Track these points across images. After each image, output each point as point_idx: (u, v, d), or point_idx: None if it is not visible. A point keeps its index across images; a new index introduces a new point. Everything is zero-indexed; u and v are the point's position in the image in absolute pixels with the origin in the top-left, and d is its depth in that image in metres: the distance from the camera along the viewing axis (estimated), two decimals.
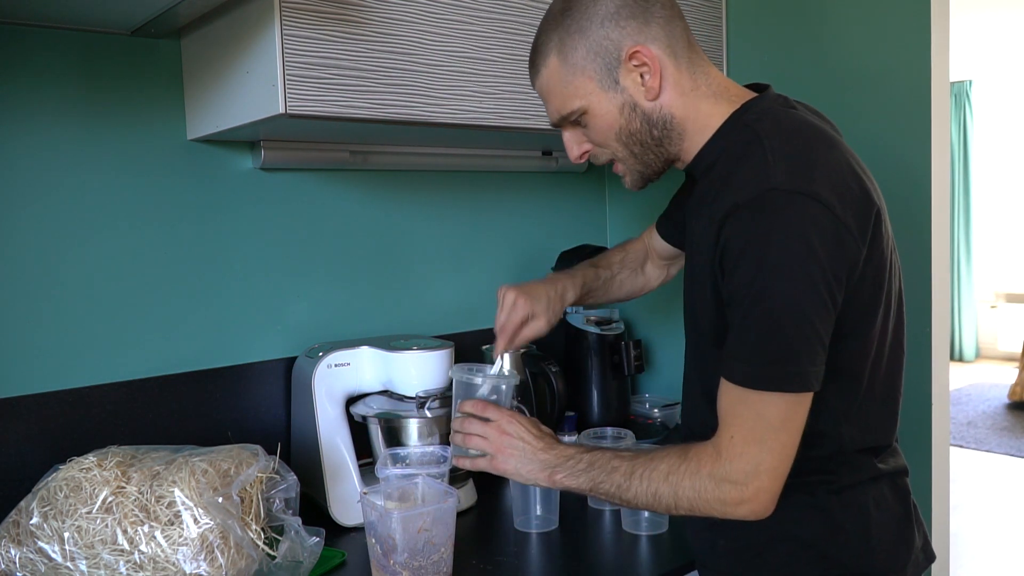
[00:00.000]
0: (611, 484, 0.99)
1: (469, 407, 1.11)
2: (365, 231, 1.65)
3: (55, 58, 1.28)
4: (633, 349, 1.79)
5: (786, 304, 0.86)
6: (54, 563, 0.97)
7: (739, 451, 0.91)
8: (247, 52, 1.18)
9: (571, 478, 1.02)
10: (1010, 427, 5.15)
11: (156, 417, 1.38)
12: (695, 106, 1.00)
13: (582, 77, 0.98)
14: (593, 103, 0.99)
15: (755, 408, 0.90)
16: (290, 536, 1.03)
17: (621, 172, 1.08)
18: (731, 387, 0.92)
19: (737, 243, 0.89)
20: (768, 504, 0.92)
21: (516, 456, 1.06)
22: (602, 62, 0.97)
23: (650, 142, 1.01)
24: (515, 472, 1.06)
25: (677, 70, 0.99)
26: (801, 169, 0.89)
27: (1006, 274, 7.18)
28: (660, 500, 0.95)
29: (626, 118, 1.00)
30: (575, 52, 0.98)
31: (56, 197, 1.29)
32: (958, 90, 6.88)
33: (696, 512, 0.94)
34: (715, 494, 0.92)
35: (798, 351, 0.87)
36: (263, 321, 1.52)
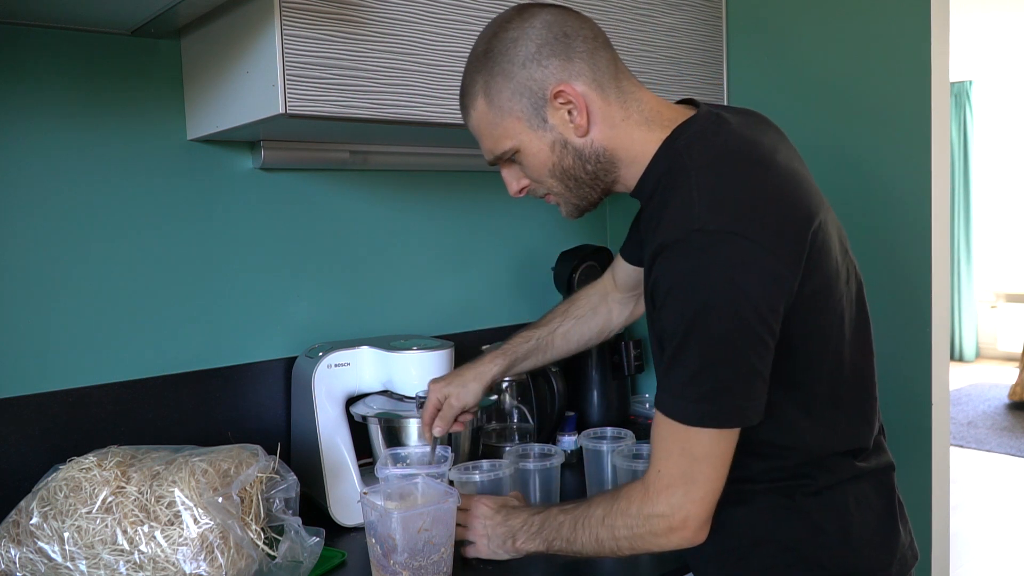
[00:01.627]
0: (560, 540, 1.03)
1: (462, 503, 1.14)
2: (365, 231, 1.65)
3: (55, 58, 1.28)
4: (633, 349, 1.80)
5: (716, 343, 0.87)
6: (54, 563, 0.97)
7: (665, 484, 0.93)
8: (247, 52, 1.18)
9: (528, 542, 1.07)
10: (1010, 427, 5.15)
11: (156, 417, 1.38)
12: (628, 135, 0.99)
13: (510, 118, 0.98)
14: (524, 142, 0.99)
15: (681, 443, 0.92)
16: (290, 536, 1.03)
17: (555, 203, 1.07)
18: (662, 419, 0.93)
19: (664, 283, 0.89)
20: (698, 530, 0.94)
21: (484, 536, 1.13)
22: (528, 102, 0.97)
23: (584, 177, 1.01)
24: (489, 550, 1.13)
25: (605, 102, 0.98)
26: (726, 204, 0.88)
27: (1006, 274, 7.18)
28: (603, 544, 0.99)
29: (558, 155, 0.99)
30: (500, 94, 0.97)
31: (56, 197, 1.29)
32: (958, 90, 6.88)
33: (637, 550, 0.98)
34: (646, 528, 0.95)
35: (729, 388, 0.88)
36: (263, 321, 1.52)
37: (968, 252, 7.08)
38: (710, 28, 1.75)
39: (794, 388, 0.96)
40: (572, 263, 1.77)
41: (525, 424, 1.69)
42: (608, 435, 1.44)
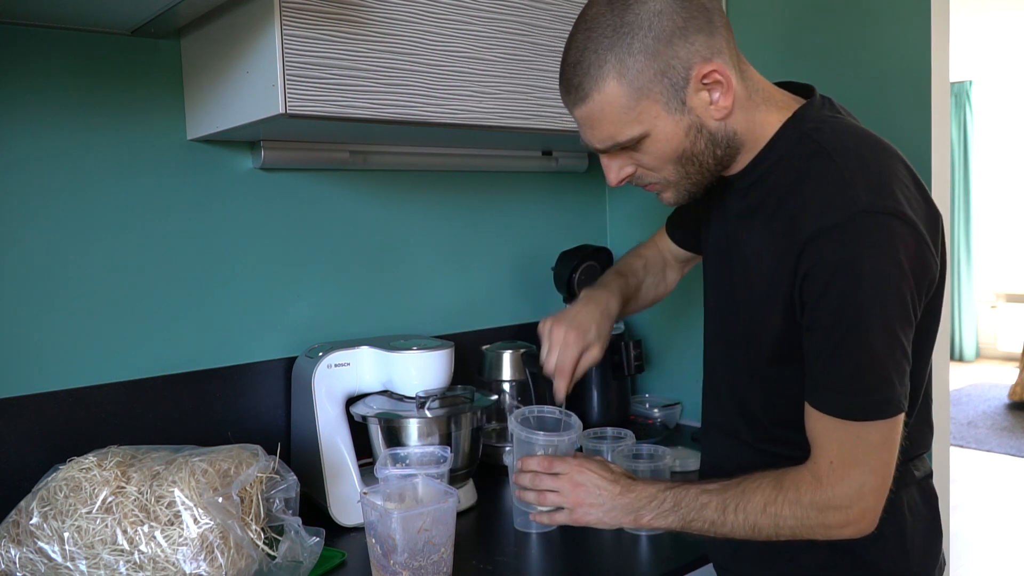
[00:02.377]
0: (703, 521, 0.97)
1: (535, 464, 1.09)
2: (365, 231, 1.65)
3: (55, 58, 1.28)
4: (633, 349, 1.79)
5: (880, 331, 0.84)
6: (54, 563, 0.97)
7: (840, 476, 0.89)
8: (247, 52, 1.18)
9: (659, 519, 1.00)
10: (1010, 427, 5.15)
11: (156, 417, 1.38)
12: (752, 118, 0.94)
13: (647, 101, 0.88)
14: (658, 127, 0.89)
15: (854, 434, 0.88)
16: (290, 536, 1.03)
17: (659, 191, 0.99)
18: (824, 416, 0.89)
19: (824, 269, 0.85)
20: (873, 521, 0.91)
21: (596, 505, 1.04)
22: (669, 83, 0.87)
23: (710, 161, 0.94)
24: (599, 521, 1.04)
25: (739, 84, 0.92)
26: (881, 186, 0.85)
27: (1006, 274, 7.18)
28: (760, 531, 0.94)
29: (691, 140, 0.91)
30: (641, 74, 0.86)
31: (56, 197, 1.29)
32: (958, 90, 6.88)
33: (799, 538, 0.93)
34: (819, 520, 0.91)
35: (892, 378, 0.86)
36: (263, 321, 1.52)
37: (968, 252, 7.08)
38: None
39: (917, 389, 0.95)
40: (572, 263, 1.77)
41: None
42: (608, 435, 1.44)
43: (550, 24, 1.45)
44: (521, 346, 1.70)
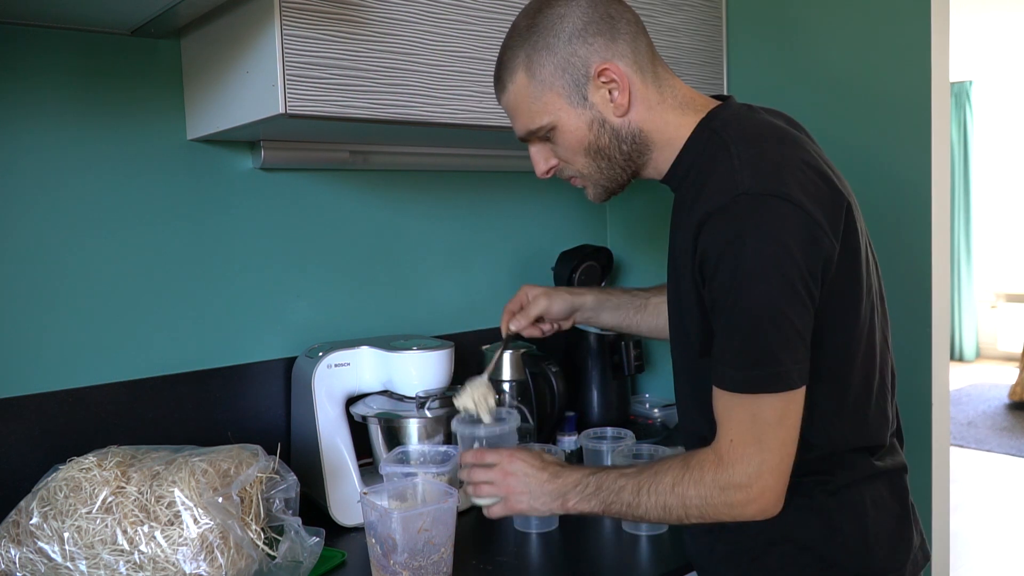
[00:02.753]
0: (620, 503, 1.00)
1: (470, 457, 1.13)
2: (365, 231, 1.65)
3: (55, 58, 1.28)
4: (633, 349, 1.80)
5: (765, 306, 0.88)
6: (54, 563, 0.97)
7: (739, 454, 0.92)
8: (247, 52, 1.18)
9: (583, 503, 1.03)
10: (1010, 427, 5.15)
11: (156, 417, 1.38)
12: (662, 119, 1.01)
13: (550, 93, 0.98)
14: (562, 119, 0.99)
15: (749, 410, 0.91)
16: (290, 536, 1.03)
17: (582, 186, 1.08)
18: (723, 392, 0.93)
19: (714, 250, 0.90)
20: (775, 501, 0.93)
21: (526, 493, 1.07)
22: (570, 78, 0.97)
23: (618, 157, 1.02)
24: (529, 508, 1.07)
25: (644, 85, 1.00)
26: (768, 171, 0.90)
27: (1006, 274, 7.18)
28: (670, 512, 0.97)
29: (595, 134, 1.00)
30: (543, 68, 0.97)
31: (56, 197, 1.29)
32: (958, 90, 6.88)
33: (707, 519, 0.95)
34: (721, 499, 0.93)
35: (779, 352, 0.89)
36: (263, 321, 1.52)
37: (968, 252, 7.08)
38: (710, 28, 1.75)
39: (830, 380, 0.96)
40: (572, 263, 1.77)
41: (525, 424, 1.69)
42: (608, 435, 1.44)
43: None
44: (521, 346, 1.70)
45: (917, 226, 1.52)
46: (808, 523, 0.99)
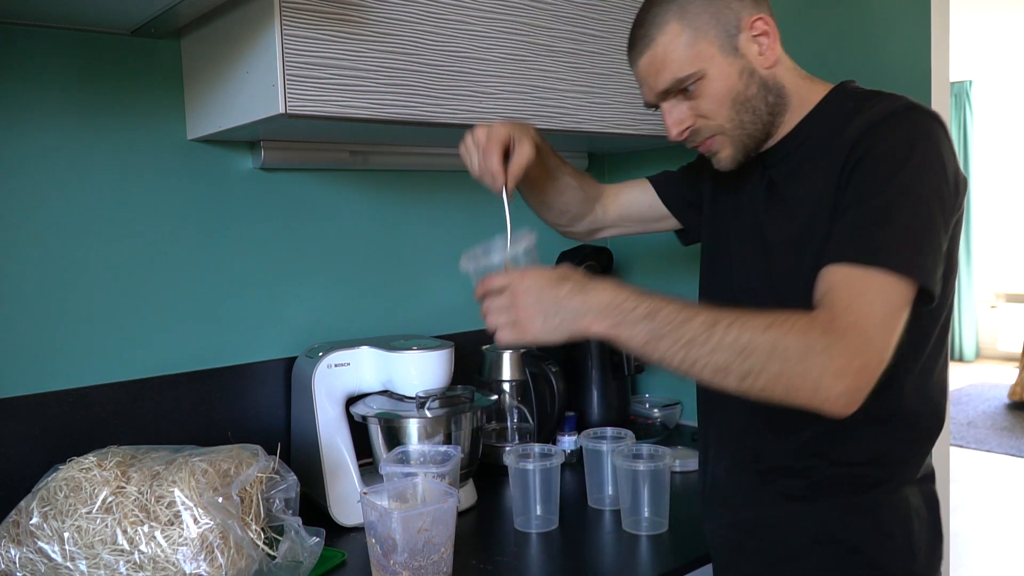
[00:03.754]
0: (680, 336, 0.84)
1: (480, 289, 0.96)
2: (365, 231, 1.65)
3: (55, 58, 1.28)
4: None
5: (921, 207, 0.86)
6: (54, 563, 0.97)
7: (853, 320, 0.82)
8: (247, 52, 1.18)
9: (623, 327, 0.86)
10: (1010, 427, 5.15)
11: (156, 417, 1.38)
12: (797, 81, 1.02)
13: (703, 42, 0.97)
14: (714, 67, 0.97)
15: (878, 289, 0.83)
16: (290, 536, 1.03)
17: (717, 148, 1.02)
18: (845, 273, 0.85)
19: (880, 146, 0.89)
20: (858, 397, 0.82)
21: (538, 313, 0.90)
22: (723, 28, 0.97)
23: (763, 109, 1.00)
24: (542, 330, 0.90)
25: (782, 47, 1.02)
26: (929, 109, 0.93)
27: (1006, 274, 7.18)
28: (747, 357, 0.82)
29: (744, 83, 0.98)
30: (697, 17, 0.97)
31: (56, 197, 1.29)
32: (958, 90, 6.88)
33: (783, 382, 0.81)
34: (821, 360, 0.80)
35: (927, 249, 0.86)
36: (263, 321, 1.51)
37: (968, 252, 7.07)
38: None
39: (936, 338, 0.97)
40: (572, 263, 1.78)
41: (525, 424, 1.69)
42: (608, 435, 1.44)
43: (550, 24, 1.45)
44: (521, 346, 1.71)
45: None
46: (859, 525, 0.97)
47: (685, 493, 1.47)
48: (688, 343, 0.83)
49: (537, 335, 0.91)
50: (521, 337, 0.92)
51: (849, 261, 0.85)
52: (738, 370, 0.82)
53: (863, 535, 0.97)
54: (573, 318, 0.88)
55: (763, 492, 1.04)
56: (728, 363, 0.82)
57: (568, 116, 1.48)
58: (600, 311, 0.87)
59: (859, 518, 0.98)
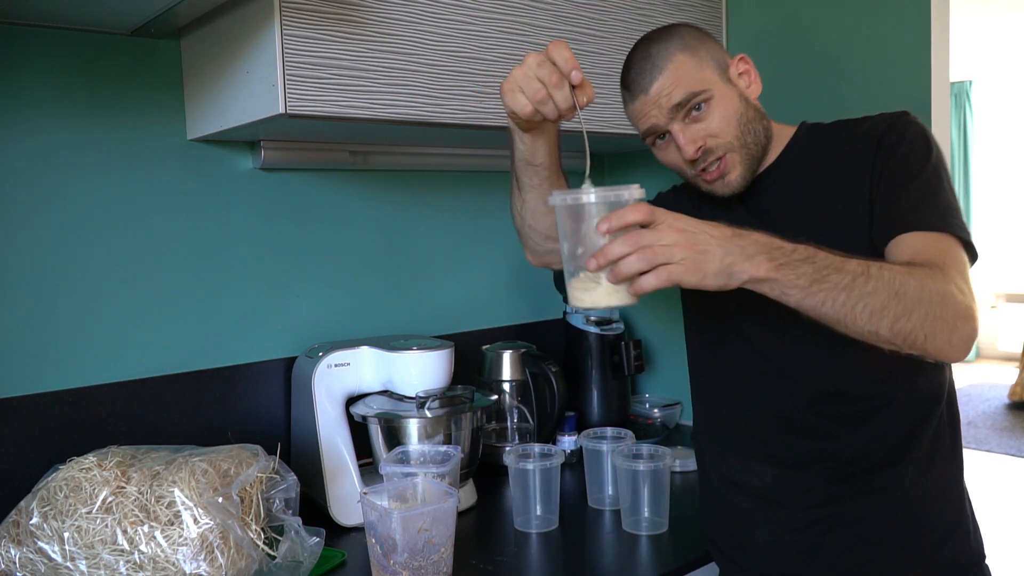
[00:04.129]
0: (845, 274, 0.85)
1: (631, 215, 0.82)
2: (365, 231, 1.65)
3: (55, 58, 1.28)
4: (633, 349, 1.80)
5: (948, 185, 1.01)
6: (54, 563, 0.97)
7: (957, 272, 0.92)
8: (247, 52, 1.18)
9: (785, 270, 0.84)
10: (1010, 427, 5.15)
11: (156, 417, 1.38)
12: (770, 120, 1.14)
13: (707, 69, 1.07)
14: (719, 90, 1.07)
15: (951, 246, 0.95)
16: (290, 536, 1.03)
17: (729, 167, 1.07)
18: (922, 234, 0.96)
19: (908, 135, 1.02)
20: (973, 341, 0.90)
21: (717, 248, 0.83)
22: (717, 62, 1.09)
23: (760, 132, 1.10)
24: (719, 268, 0.83)
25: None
26: None
27: (1006, 274, 7.18)
28: (902, 297, 0.85)
29: (744, 106, 1.09)
30: (698, 51, 1.08)
31: (56, 197, 1.29)
32: (958, 90, 6.88)
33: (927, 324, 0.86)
34: (954, 300, 0.88)
35: (962, 218, 0.99)
36: (263, 321, 1.52)
37: None
38: (710, 28, 1.75)
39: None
40: None
41: (525, 424, 1.69)
42: (608, 435, 1.44)
43: (550, 24, 1.45)
44: (521, 346, 1.71)
45: None
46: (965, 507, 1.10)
47: (685, 493, 1.47)
48: (848, 287, 0.85)
49: (715, 273, 0.83)
50: (699, 270, 0.82)
51: (921, 228, 0.96)
52: (893, 312, 0.85)
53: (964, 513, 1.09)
54: (743, 257, 0.83)
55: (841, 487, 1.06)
56: (885, 305, 0.85)
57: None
58: (766, 251, 0.84)
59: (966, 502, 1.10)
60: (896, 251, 0.96)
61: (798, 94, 1.69)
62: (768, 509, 1.11)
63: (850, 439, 1.05)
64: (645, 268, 0.81)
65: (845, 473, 1.05)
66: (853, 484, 1.05)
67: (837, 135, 1.10)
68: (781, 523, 1.09)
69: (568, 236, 0.89)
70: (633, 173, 1.99)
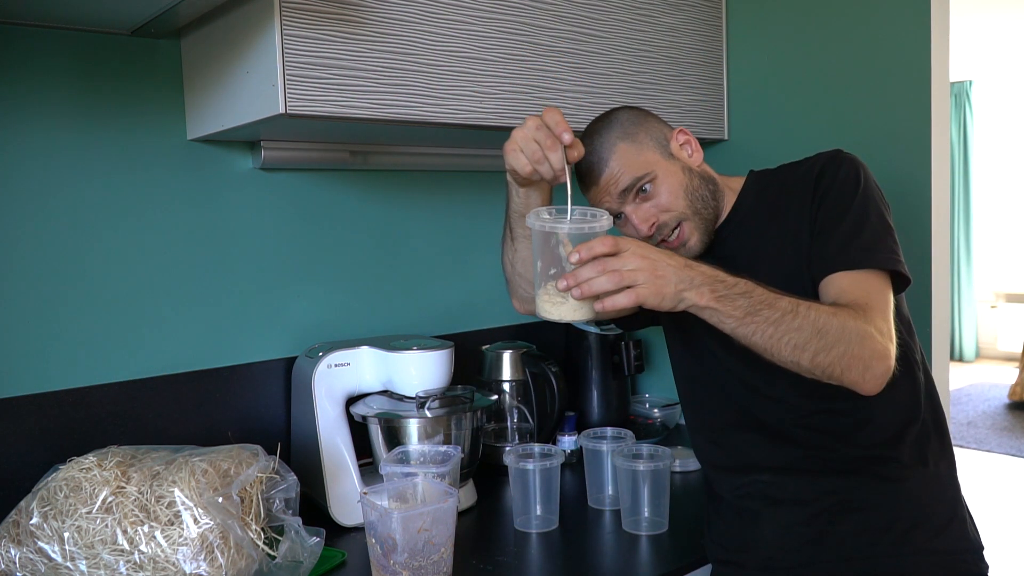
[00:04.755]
0: (775, 311, 0.94)
1: (600, 247, 0.93)
2: (365, 231, 1.65)
3: (55, 58, 1.28)
4: (633, 349, 1.80)
5: (882, 218, 1.07)
6: (54, 563, 0.97)
7: (876, 312, 0.99)
8: (247, 52, 1.18)
9: (723, 302, 0.94)
10: (1010, 427, 5.15)
11: (156, 417, 1.38)
12: (719, 177, 1.21)
13: (648, 151, 1.15)
14: (661, 169, 1.15)
15: (874, 282, 1.02)
16: (290, 536, 1.03)
17: (687, 235, 1.16)
18: (847, 273, 1.03)
19: (840, 176, 1.08)
20: (888, 377, 0.98)
21: (671, 274, 0.93)
22: (657, 141, 1.17)
23: (708, 196, 1.17)
24: (675, 292, 0.93)
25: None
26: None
27: (1006, 274, 7.18)
28: (824, 336, 0.94)
29: (688, 177, 1.16)
30: (637, 135, 1.16)
31: (56, 197, 1.29)
32: (958, 90, 6.88)
33: (847, 359, 0.95)
34: (871, 340, 0.96)
35: (892, 244, 1.06)
36: (263, 321, 1.51)
37: (968, 252, 7.07)
38: (710, 28, 1.75)
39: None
40: None
41: (525, 424, 1.69)
42: (608, 435, 1.44)
43: (550, 24, 1.45)
44: (521, 346, 1.71)
45: (917, 226, 1.52)
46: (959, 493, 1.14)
47: (685, 493, 1.47)
48: (777, 321, 0.95)
49: (670, 296, 0.93)
50: (659, 293, 0.93)
51: (847, 268, 1.04)
52: (814, 347, 0.95)
53: (961, 504, 1.13)
54: (690, 286, 0.94)
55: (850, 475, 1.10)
56: (807, 341, 0.95)
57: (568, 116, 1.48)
58: (710, 283, 0.95)
59: (944, 490, 1.12)
60: (825, 291, 1.05)
61: (797, 93, 1.69)
62: (773, 506, 1.13)
63: (835, 445, 1.10)
64: (612, 289, 0.92)
65: (841, 470, 1.10)
66: (850, 477, 1.09)
67: (783, 179, 1.17)
68: (786, 516, 1.12)
69: (540, 256, 1.00)
70: None
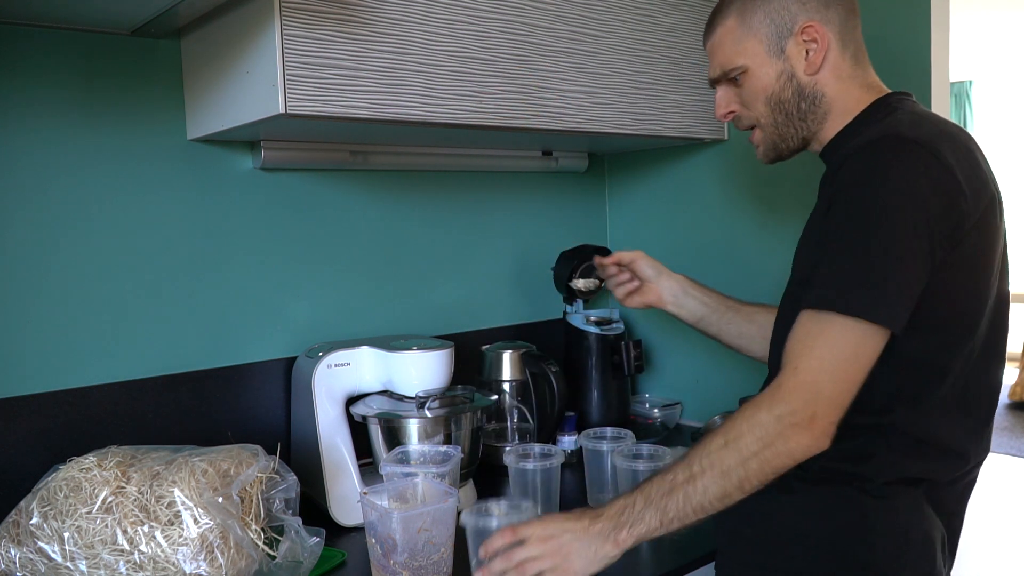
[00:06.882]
0: (677, 499, 0.92)
1: (499, 540, 0.99)
2: (365, 231, 1.65)
3: (55, 58, 1.28)
4: (633, 349, 1.79)
5: (886, 240, 0.87)
6: (54, 563, 0.97)
7: (800, 381, 0.88)
8: (247, 52, 1.18)
9: (636, 527, 0.94)
10: (1010, 427, 5.15)
11: (156, 417, 1.38)
12: (847, 91, 1.05)
13: (753, 40, 1.06)
14: (756, 64, 1.06)
15: (828, 336, 0.88)
16: (290, 536, 1.03)
17: (757, 141, 1.12)
18: (810, 315, 0.90)
19: (852, 178, 0.91)
20: (824, 433, 0.88)
21: (575, 549, 0.95)
22: (775, 29, 1.05)
23: (795, 113, 1.07)
24: (587, 564, 0.95)
25: (841, 55, 1.05)
26: (927, 130, 0.95)
27: None
28: (730, 477, 0.90)
29: (781, 85, 1.06)
30: (754, 15, 1.05)
31: (56, 197, 1.29)
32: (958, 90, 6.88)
33: (767, 471, 0.89)
34: (776, 430, 0.88)
35: (887, 280, 0.87)
36: (263, 321, 1.52)
37: None
38: None
39: (936, 373, 0.94)
40: (572, 263, 1.77)
41: (525, 424, 1.69)
42: (608, 435, 1.44)
43: (550, 24, 1.45)
44: (521, 346, 1.71)
45: None
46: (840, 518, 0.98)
47: None
48: (686, 498, 0.92)
49: (585, 567, 0.95)
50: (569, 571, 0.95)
51: (810, 307, 0.91)
52: (735, 488, 0.90)
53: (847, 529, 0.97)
54: (603, 540, 0.94)
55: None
56: (723, 490, 0.90)
57: (568, 116, 1.48)
58: (616, 524, 0.94)
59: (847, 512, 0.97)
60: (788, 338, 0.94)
61: None
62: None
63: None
64: None
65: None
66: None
67: (848, 142, 1.02)
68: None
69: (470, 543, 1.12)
70: (633, 173, 1.99)
